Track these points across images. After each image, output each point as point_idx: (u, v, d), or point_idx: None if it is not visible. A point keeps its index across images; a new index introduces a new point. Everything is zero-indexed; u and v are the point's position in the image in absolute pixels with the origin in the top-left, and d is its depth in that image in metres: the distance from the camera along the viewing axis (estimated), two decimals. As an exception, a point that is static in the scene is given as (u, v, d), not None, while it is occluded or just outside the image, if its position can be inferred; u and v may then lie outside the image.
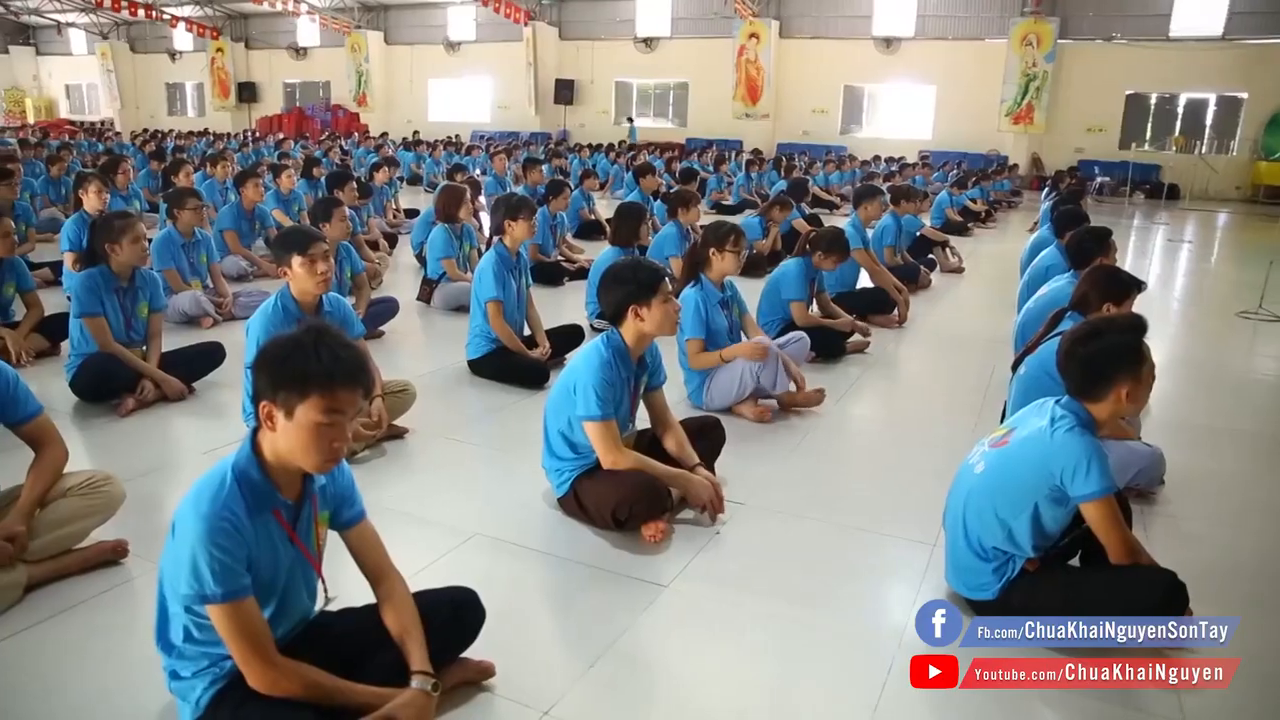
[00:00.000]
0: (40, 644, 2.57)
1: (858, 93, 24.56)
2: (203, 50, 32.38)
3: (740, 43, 23.89)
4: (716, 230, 4.58)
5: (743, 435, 4.26)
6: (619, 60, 26.55)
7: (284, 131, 26.65)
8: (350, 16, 28.90)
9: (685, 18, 25.45)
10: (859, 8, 23.33)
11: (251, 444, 2.00)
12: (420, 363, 5.45)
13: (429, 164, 17.54)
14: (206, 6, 30.82)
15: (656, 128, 26.71)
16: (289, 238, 3.81)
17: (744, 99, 24.28)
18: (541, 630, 2.78)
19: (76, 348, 4.56)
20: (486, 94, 28.74)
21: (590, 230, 10.45)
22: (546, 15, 26.76)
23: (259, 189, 8.19)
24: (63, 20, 33.82)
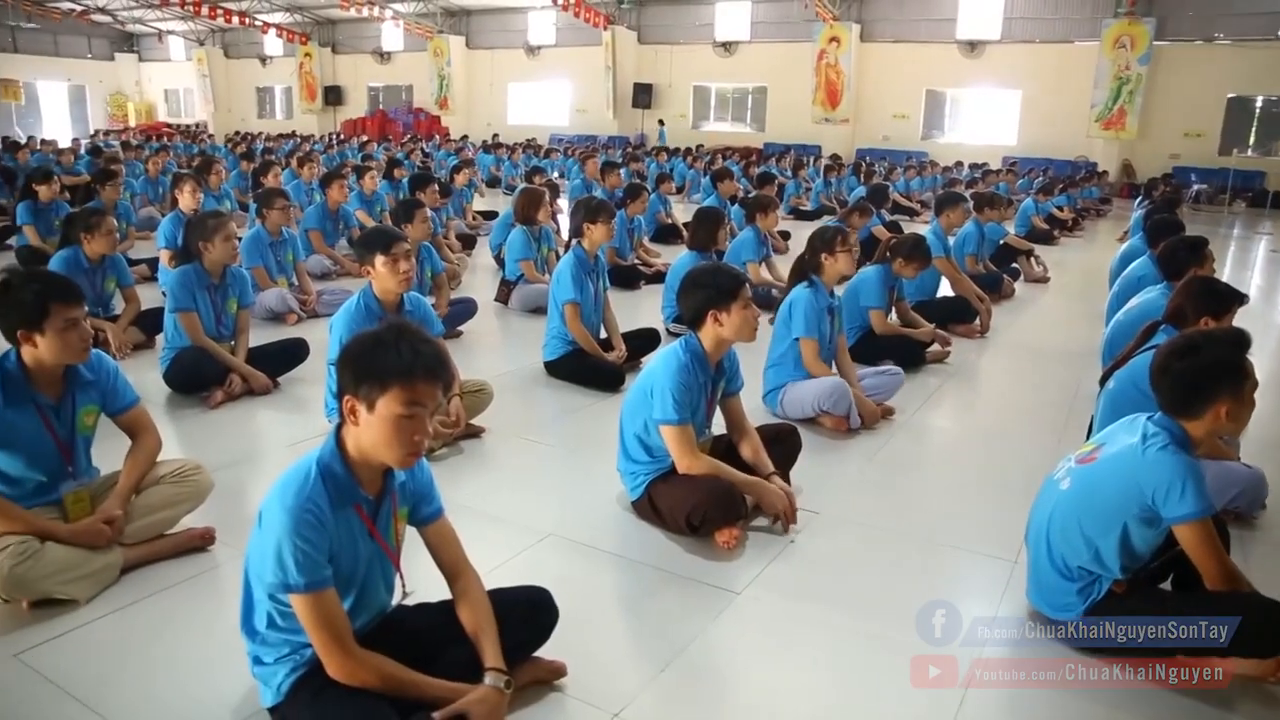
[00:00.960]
0: (134, 623, 2.67)
1: (940, 97, 24.06)
2: (292, 55, 33.34)
3: (820, 46, 23.60)
4: (823, 234, 4.51)
5: (819, 443, 4.22)
6: (697, 64, 26.49)
7: (367, 134, 27.30)
8: (433, 21, 29.44)
9: (765, 22, 25.28)
10: (942, 11, 22.83)
11: (336, 439, 2.04)
12: (497, 363, 5.51)
13: (508, 167, 17.76)
14: (296, 13, 31.71)
15: (734, 132, 26.59)
16: (372, 237, 3.89)
17: (823, 103, 23.99)
18: (613, 633, 2.78)
19: (170, 341, 4.73)
20: (565, 97, 28.96)
21: (667, 234, 10.46)
22: (626, 19, 26.87)
23: (344, 190, 8.40)
24: (163, 28, 35.22)
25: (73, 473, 2.94)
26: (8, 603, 2.64)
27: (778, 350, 4.52)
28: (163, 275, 6.83)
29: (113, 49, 37.03)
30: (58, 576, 2.67)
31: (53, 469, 2.89)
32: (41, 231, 8.02)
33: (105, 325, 5.31)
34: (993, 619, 2.80)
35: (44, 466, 2.87)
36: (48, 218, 8.11)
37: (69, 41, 34.92)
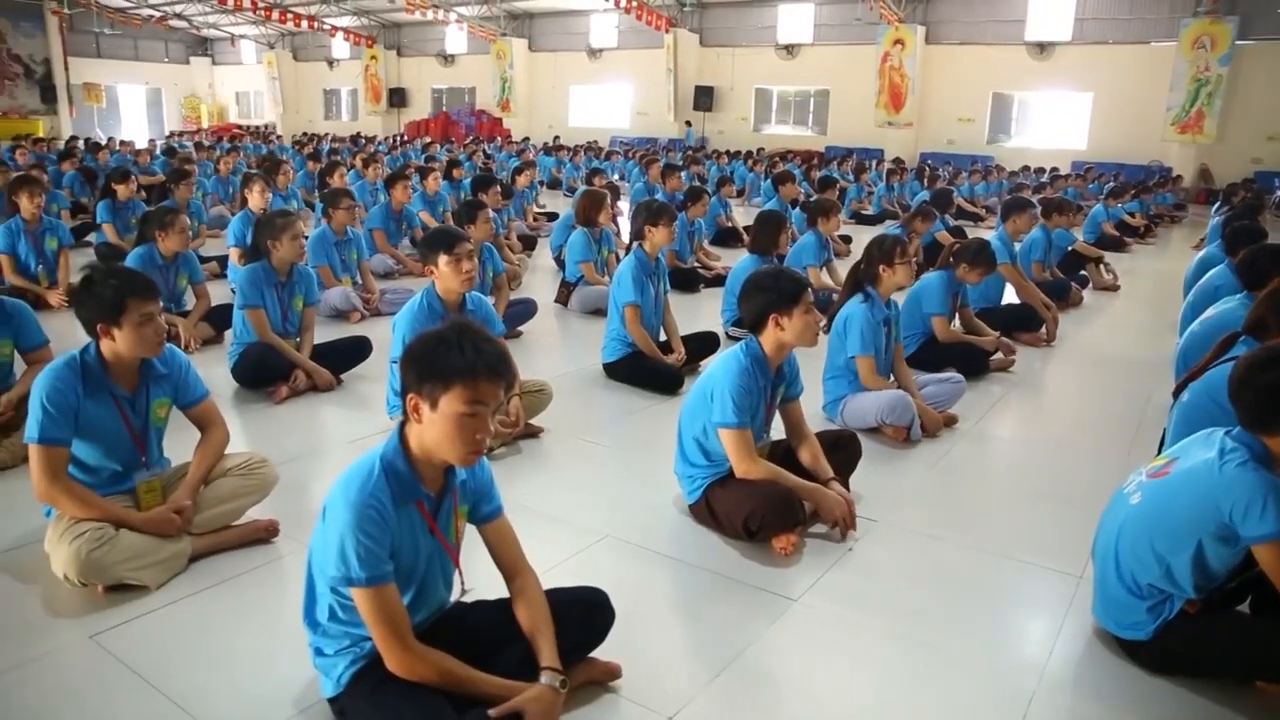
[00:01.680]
0: (201, 611, 2.74)
1: (1007, 100, 23.58)
2: (358, 58, 34.00)
3: (884, 49, 23.31)
4: (881, 244, 4.42)
5: (879, 450, 4.16)
6: (759, 67, 26.36)
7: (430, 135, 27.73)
8: (496, 24, 29.77)
9: (828, 24, 25.06)
10: (1011, 12, 22.36)
11: (399, 437, 2.06)
12: (556, 364, 5.54)
13: (569, 168, 17.87)
14: (363, 17, 32.32)
15: (795, 135, 26.42)
16: (436, 237, 3.93)
17: (886, 106, 23.69)
18: (669, 636, 2.77)
19: (238, 337, 4.85)
20: (626, 100, 29.05)
21: (727, 237, 10.43)
22: (688, 22, 26.87)
23: (407, 191, 8.52)
24: (236, 32, 36.22)
25: (146, 463, 3.03)
26: (85, 586, 2.72)
27: (835, 362, 4.46)
28: (232, 272, 7.01)
29: (188, 53, 38.18)
30: (130, 563, 2.75)
31: (127, 459, 2.98)
32: (119, 229, 8.29)
33: (177, 320, 5.46)
34: (1056, 635, 2.73)
35: (119, 456, 2.96)
36: (125, 216, 8.38)
37: (148, 46, 36.10)
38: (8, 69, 30.85)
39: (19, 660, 2.46)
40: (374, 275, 7.28)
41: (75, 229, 8.84)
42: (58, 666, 2.46)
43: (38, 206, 6.74)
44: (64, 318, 6.00)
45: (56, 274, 6.82)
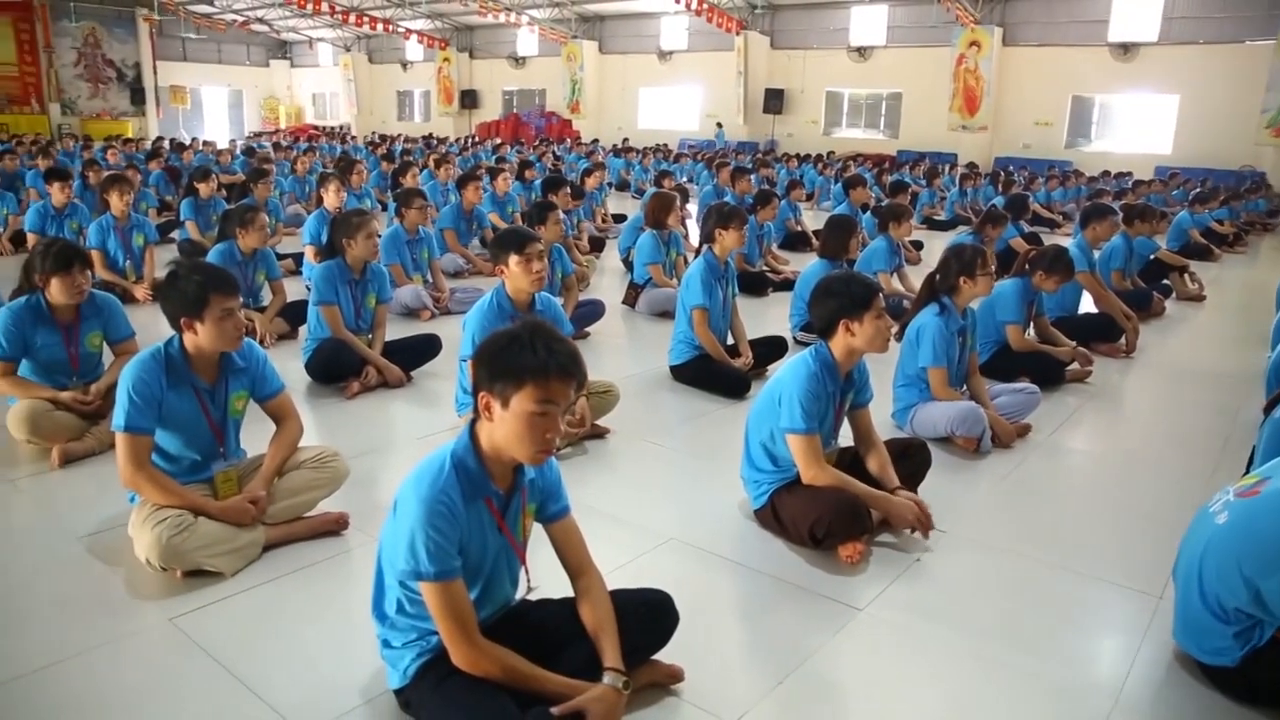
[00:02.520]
0: (273, 598, 2.81)
1: (1087, 103, 22.93)
2: (431, 60, 34.60)
3: (959, 51, 22.86)
4: (961, 254, 4.31)
5: (949, 461, 4.08)
6: (830, 70, 26.11)
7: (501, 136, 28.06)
8: (567, 27, 30.01)
9: (901, 26, 24.69)
10: (1094, 12, 21.68)
11: (470, 434, 2.08)
12: (623, 365, 5.55)
13: (637, 170, 17.91)
14: (437, 20, 32.88)
15: (866, 139, 26.11)
16: (507, 237, 3.96)
17: (960, 110, 23.23)
18: (732, 641, 2.75)
19: (312, 333, 4.96)
20: (695, 102, 29.03)
21: (796, 241, 10.35)
22: (759, 24, 26.76)
23: (478, 191, 8.63)
24: (314, 36, 37.17)
25: (223, 453, 3.12)
26: (164, 571, 2.81)
27: (906, 370, 4.38)
28: (307, 269, 7.17)
29: (268, 56, 39.32)
30: (207, 549, 2.83)
31: (206, 449, 3.07)
32: (201, 226, 8.56)
33: (254, 316, 5.61)
34: (1134, 656, 2.64)
35: (199, 446, 3.05)
36: (207, 213, 8.65)
37: (231, 50, 37.28)
38: (101, 73, 32.22)
39: (104, 639, 2.55)
40: (444, 274, 7.38)
41: (160, 226, 9.13)
42: (139, 646, 2.55)
43: (127, 204, 7.00)
44: (148, 311, 6.23)
45: (142, 269, 7.08)
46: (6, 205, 9.52)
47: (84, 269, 3.92)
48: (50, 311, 3.92)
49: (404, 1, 30.29)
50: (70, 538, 3.15)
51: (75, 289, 3.87)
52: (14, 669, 2.39)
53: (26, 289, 3.92)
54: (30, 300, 3.90)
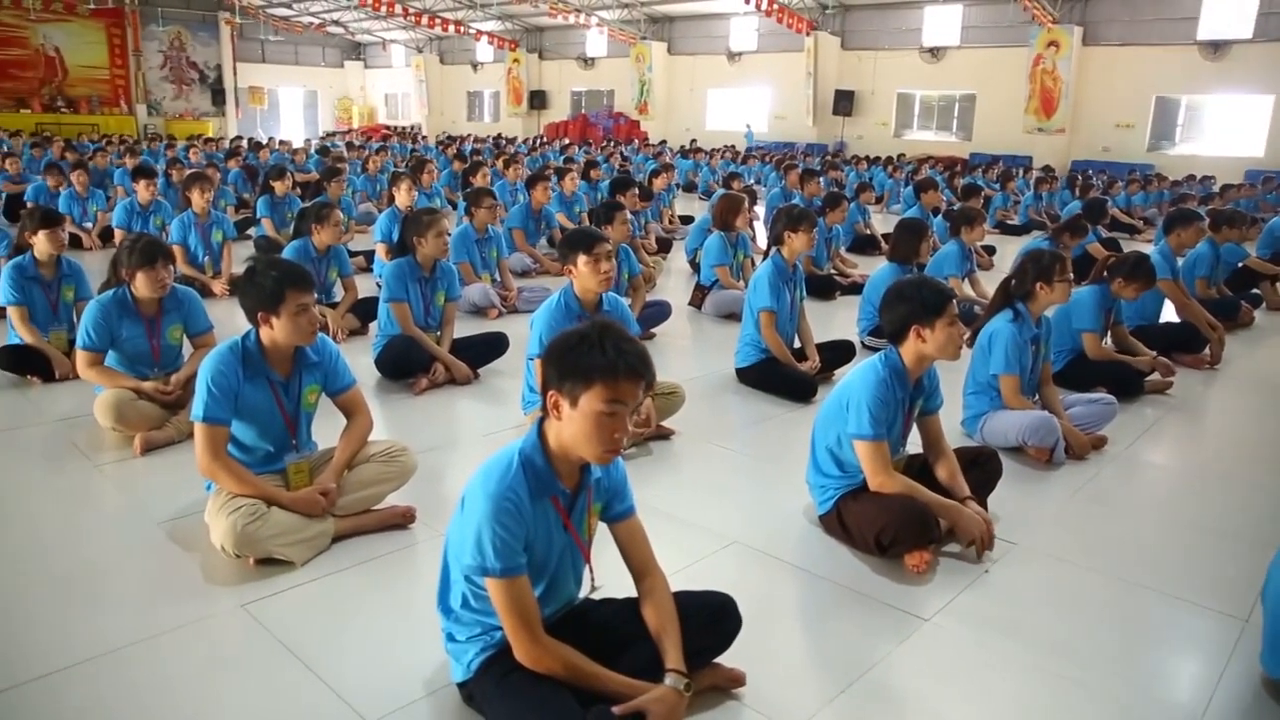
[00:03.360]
0: (341, 589, 2.86)
1: (1172, 105, 22.10)
2: (501, 61, 34.99)
3: (1037, 51, 22.26)
4: (1038, 260, 4.19)
5: (1020, 471, 3.98)
6: (902, 71, 25.70)
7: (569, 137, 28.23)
8: (636, 28, 30.08)
9: (976, 26, 24.19)
10: (1181, 9, 20.76)
11: (538, 433, 2.10)
12: (689, 367, 5.53)
13: (705, 172, 17.87)
14: (507, 21, 33.24)
15: (938, 141, 25.65)
16: (576, 238, 3.98)
17: (1037, 112, 22.64)
18: (794, 646, 2.72)
19: (383, 329, 5.04)
20: (764, 104, 28.85)
21: (864, 245, 10.23)
22: (829, 25, 26.47)
23: (547, 192, 8.69)
24: (387, 37, 37.90)
25: (296, 445, 3.19)
26: (238, 558, 2.89)
27: (977, 377, 4.29)
28: (378, 267, 7.31)
29: (343, 58, 40.22)
30: (279, 538, 2.90)
31: (279, 440, 3.15)
32: (276, 223, 8.78)
33: (326, 311, 5.73)
34: (1216, 682, 2.54)
35: (272, 438, 3.13)
36: (282, 211, 8.87)
37: (307, 51, 38.24)
38: (185, 75, 33.41)
39: (180, 621, 2.63)
40: (512, 273, 7.44)
41: (237, 223, 9.41)
42: (212, 630, 2.62)
43: (207, 201, 7.23)
44: (225, 305, 6.41)
45: (220, 264, 7.29)
46: (96, 202, 9.91)
47: (167, 264, 4.06)
48: (135, 304, 4.06)
49: (475, 3, 30.69)
50: (150, 522, 3.26)
51: (159, 283, 4.01)
52: (97, 648, 2.48)
53: (114, 282, 4.07)
54: (117, 293, 4.05)
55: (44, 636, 2.55)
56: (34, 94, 29.84)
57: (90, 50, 31.05)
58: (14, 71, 29.51)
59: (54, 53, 30.28)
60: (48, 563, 2.99)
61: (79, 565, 2.98)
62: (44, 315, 4.96)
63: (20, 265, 4.92)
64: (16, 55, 29.54)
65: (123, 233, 7.93)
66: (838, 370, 5.25)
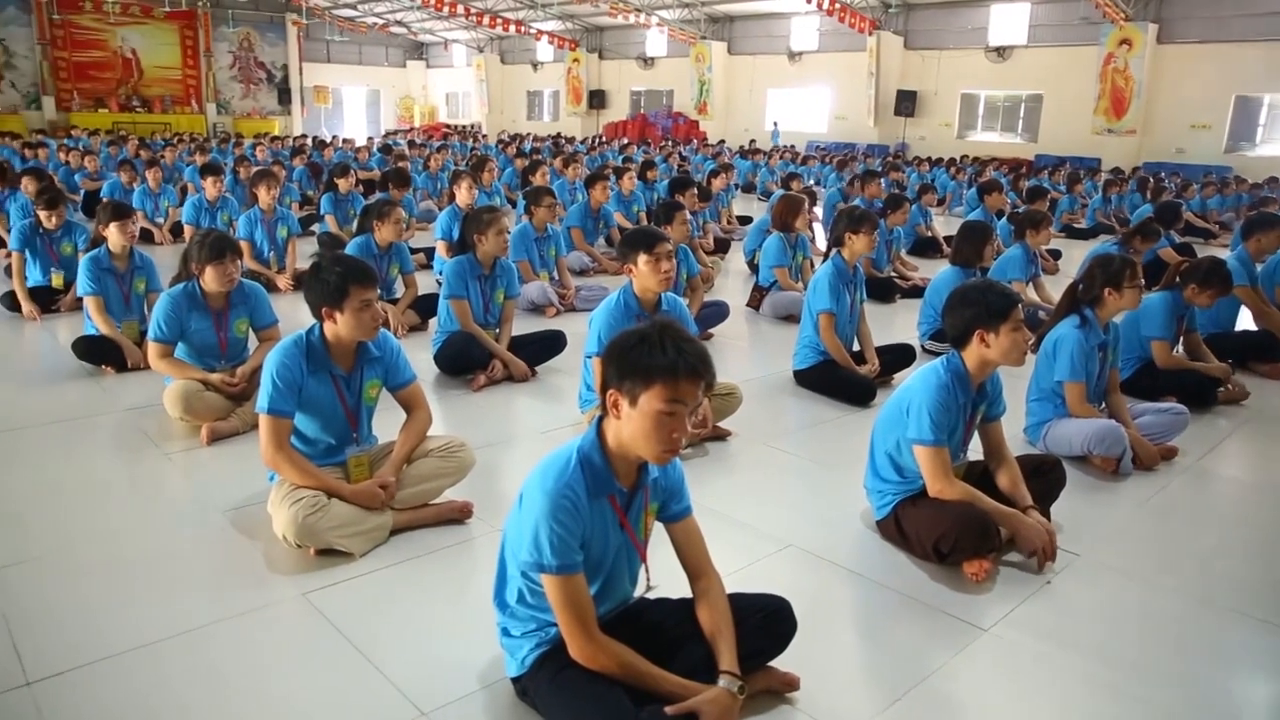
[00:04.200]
0: (398, 581, 2.90)
1: (1253, 104, 21.24)
2: (561, 61, 35.22)
3: (1108, 50, 21.66)
4: (1107, 265, 4.08)
5: (1084, 481, 3.88)
6: (967, 70, 25.26)
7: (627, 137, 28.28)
8: (696, 28, 30.02)
9: (1044, 24, 23.67)
10: (1265, 3, 19.79)
11: (597, 431, 2.10)
12: (746, 368, 5.50)
13: (764, 172, 17.77)
14: (567, 21, 33.44)
15: (1003, 143, 25.17)
16: (637, 237, 3.97)
17: (1106, 113, 22.04)
18: (849, 652, 2.69)
19: (442, 325, 5.10)
20: (824, 104, 28.59)
21: (925, 247, 10.07)
22: (892, 24, 26.15)
23: (606, 191, 8.72)
24: (449, 37, 38.38)
25: (356, 439, 3.24)
26: (299, 548, 2.94)
27: (1041, 384, 4.19)
28: (438, 264, 7.40)
29: (405, 57, 40.86)
30: (339, 530, 2.95)
31: (341, 434, 3.20)
32: (339, 220, 8.93)
33: (387, 307, 5.81)
34: (1291, 701, 2.46)
35: (334, 431, 3.18)
36: (344, 208, 9.02)
37: (370, 51, 38.93)
38: (253, 75, 34.27)
39: (244, 608, 2.70)
40: (570, 272, 7.48)
41: (301, 219, 9.59)
42: (274, 618, 2.68)
43: (273, 198, 7.39)
44: (289, 300, 6.54)
45: (285, 260, 7.44)
46: (168, 198, 10.19)
47: (235, 259, 4.15)
48: (204, 298, 4.17)
49: (536, 3, 30.92)
50: (215, 510, 3.34)
51: (227, 277, 4.11)
52: (166, 630, 2.55)
53: (184, 277, 4.18)
54: (187, 287, 4.15)
55: (115, 618, 2.63)
56: (111, 94, 30.89)
57: (165, 51, 32.03)
58: (94, 73, 30.58)
59: (131, 54, 31.32)
60: (120, 546, 3.09)
61: (148, 550, 3.07)
62: (117, 306, 5.15)
63: (96, 258, 5.10)
64: (97, 57, 30.62)
65: (192, 228, 8.15)
66: (897, 374, 5.18)
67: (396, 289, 6.24)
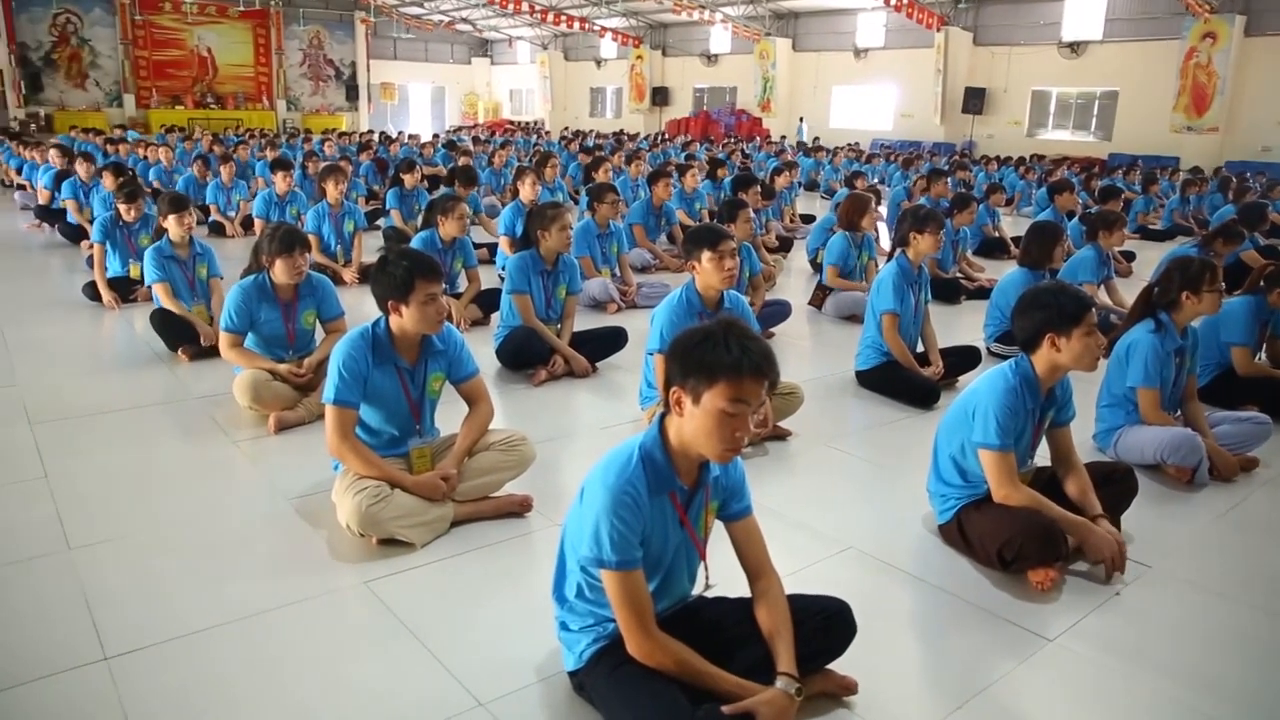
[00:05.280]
0: (458, 572, 2.94)
1: (1350, 100, 20.32)
2: (624, 58, 35.25)
3: (1190, 44, 20.80)
4: (1185, 267, 3.95)
5: (1157, 490, 3.77)
6: (1038, 67, 24.61)
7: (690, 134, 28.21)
8: (761, 24, 29.80)
9: (1122, 18, 22.88)
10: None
11: (659, 428, 2.10)
12: (807, 368, 5.45)
13: (828, 170, 17.58)
14: (631, 18, 33.46)
15: (1075, 141, 24.49)
16: (702, 234, 3.94)
17: (1186, 109, 21.20)
18: (909, 658, 2.65)
19: (504, 320, 5.14)
20: (890, 101, 28.16)
21: (992, 248, 9.85)
22: (961, 20, 25.62)
23: (668, 188, 8.70)
24: (513, 34, 38.71)
25: (419, 430, 3.29)
26: (362, 537, 3.00)
27: (1113, 390, 4.07)
28: (500, 259, 7.46)
29: (470, 54, 41.30)
30: (401, 520, 2.99)
31: (404, 425, 3.25)
32: (404, 214, 9.06)
33: (450, 301, 5.88)
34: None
35: (398, 422, 3.23)
36: (410, 203, 9.15)
37: (436, 49, 39.44)
38: (322, 72, 35.00)
39: (308, 594, 2.76)
40: (632, 269, 7.48)
41: (366, 214, 9.76)
42: (336, 604, 2.73)
43: (341, 193, 7.53)
44: (354, 293, 6.67)
45: (351, 253, 7.58)
46: (239, 192, 10.45)
47: (304, 252, 4.25)
48: (273, 290, 4.27)
49: (600, 0, 31.00)
50: (281, 498, 3.42)
51: (296, 270, 4.20)
52: (228, 614, 2.62)
53: (255, 269, 4.28)
54: (257, 279, 4.26)
55: (185, 599, 2.71)
56: (187, 91, 31.83)
57: (238, 50, 32.88)
58: (171, 71, 31.54)
59: (206, 53, 32.22)
60: (191, 530, 3.18)
61: (218, 534, 3.16)
62: (184, 292, 5.40)
63: (159, 248, 5.39)
64: (174, 56, 31.58)
65: (261, 222, 8.35)
66: (961, 377, 5.09)
67: (460, 283, 6.31)
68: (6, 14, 27.83)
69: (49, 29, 29.10)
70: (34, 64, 28.91)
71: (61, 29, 29.35)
